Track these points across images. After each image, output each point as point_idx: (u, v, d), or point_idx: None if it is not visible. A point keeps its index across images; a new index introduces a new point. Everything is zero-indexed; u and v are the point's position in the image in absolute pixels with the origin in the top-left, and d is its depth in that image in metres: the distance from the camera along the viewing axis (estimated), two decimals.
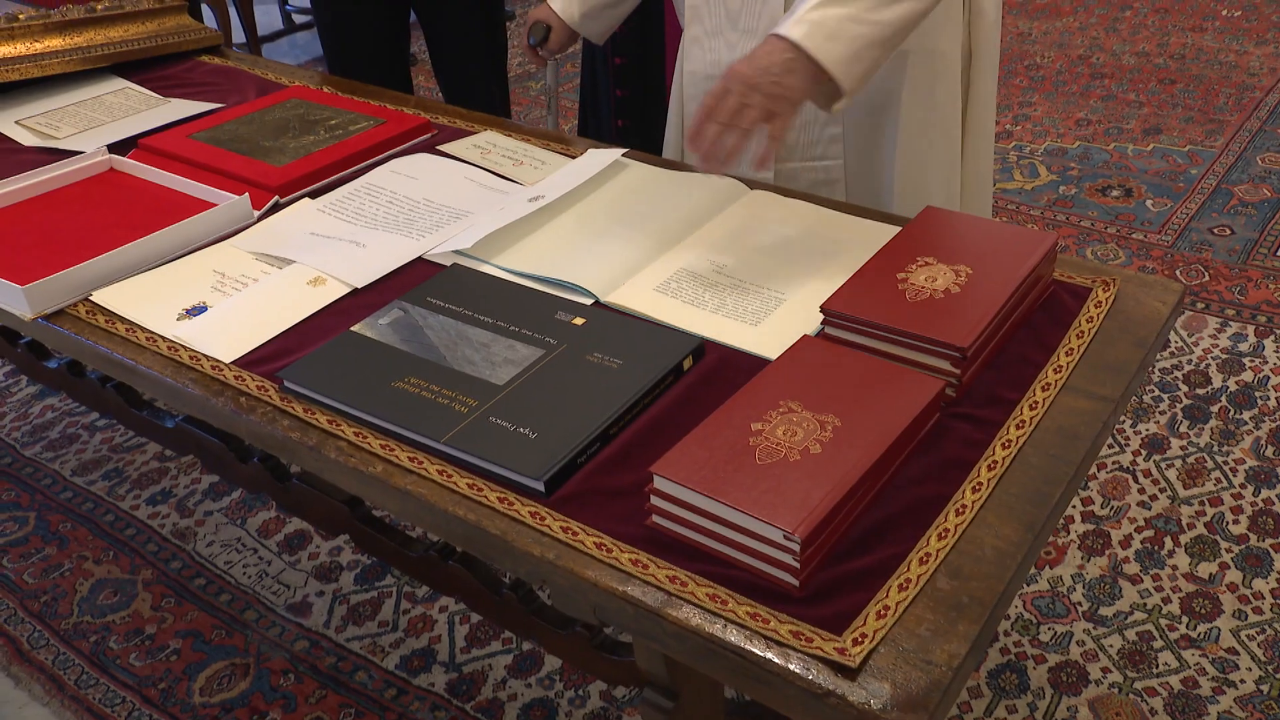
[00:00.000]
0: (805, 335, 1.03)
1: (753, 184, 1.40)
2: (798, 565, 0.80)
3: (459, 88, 2.42)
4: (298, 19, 4.73)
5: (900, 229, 1.19)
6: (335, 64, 2.38)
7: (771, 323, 1.12)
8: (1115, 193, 3.12)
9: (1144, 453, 2.11)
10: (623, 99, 2.32)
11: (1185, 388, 2.28)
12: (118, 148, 1.53)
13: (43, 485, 2.21)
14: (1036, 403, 0.99)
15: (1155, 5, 4.56)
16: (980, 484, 0.90)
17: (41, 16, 1.62)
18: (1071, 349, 1.06)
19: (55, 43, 1.62)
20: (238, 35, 4.13)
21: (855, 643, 0.77)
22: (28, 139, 1.55)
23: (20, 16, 1.58)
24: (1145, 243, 2.84)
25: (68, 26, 1.64)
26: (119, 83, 1.73)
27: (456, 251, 1.27)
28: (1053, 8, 4.61)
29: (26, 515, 2.14)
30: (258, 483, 1.47)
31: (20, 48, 1.57)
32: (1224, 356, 2.36)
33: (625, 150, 1.48)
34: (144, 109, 1.66)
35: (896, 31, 1.17)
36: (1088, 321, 1.10)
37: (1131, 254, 2.80)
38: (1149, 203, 3.04)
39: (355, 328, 1.12)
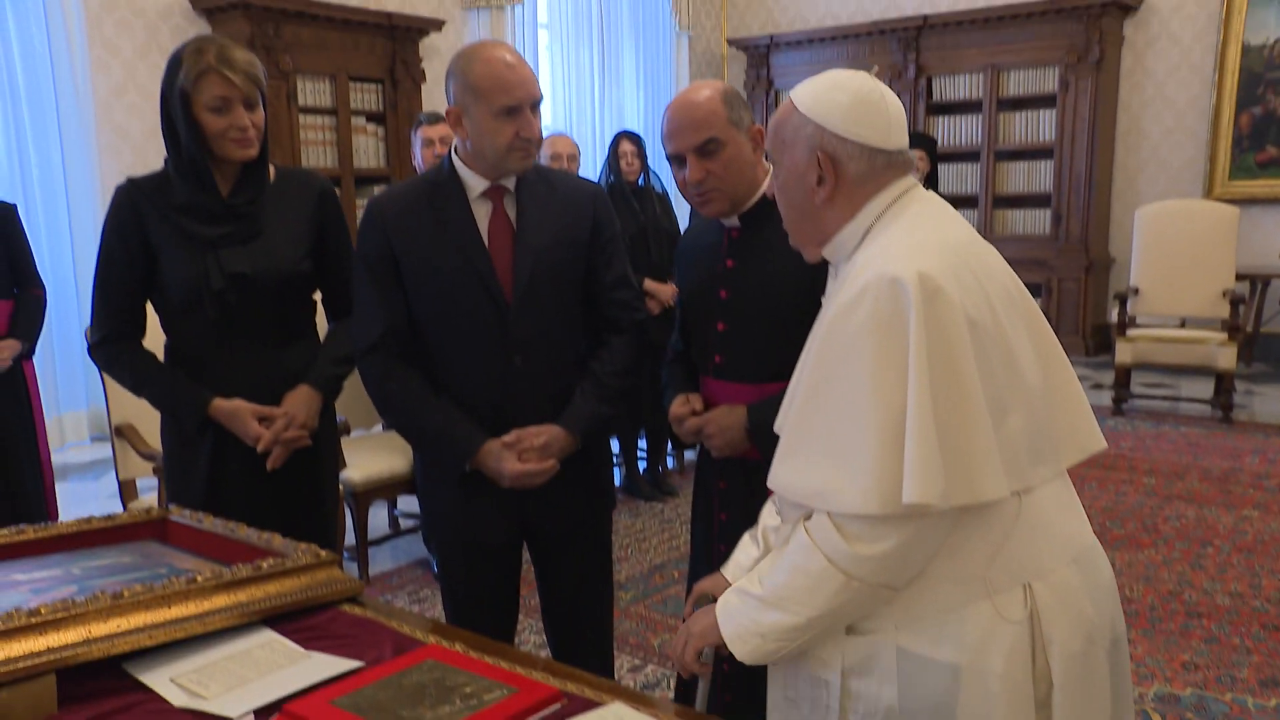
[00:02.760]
0: None
1: None
2: None
3: (567, 639, 2.46)
4: (404, 523, 5.06)
5: None
6: (452, 602, 2.49)
7: None
8: None
9: None
10: (725, 522, 2.31)
11: None
12: (264, 710, 1.57)
13: None
14: None
15: (1237, 544, 4.62)
16: None
17: (215, 576, 1.76)
18: None
19: (221, 601, 1.74)
20: (349, 537, 4.40)
21: None
22: (178, 698, 1.61)
23: (198, 578, 1.72)
24: None
25: (234, 585, 1.77)
26: (266, 634, 1.82)
27: None
28: (1131, 539, 4.70)
29: None
30: None
31: (191, 607, 1.69)
32: None
33: None
34: (288, 665, 1.72)
35: (770, 632, 1.49)
36: None
37: None
38: None
39: None
